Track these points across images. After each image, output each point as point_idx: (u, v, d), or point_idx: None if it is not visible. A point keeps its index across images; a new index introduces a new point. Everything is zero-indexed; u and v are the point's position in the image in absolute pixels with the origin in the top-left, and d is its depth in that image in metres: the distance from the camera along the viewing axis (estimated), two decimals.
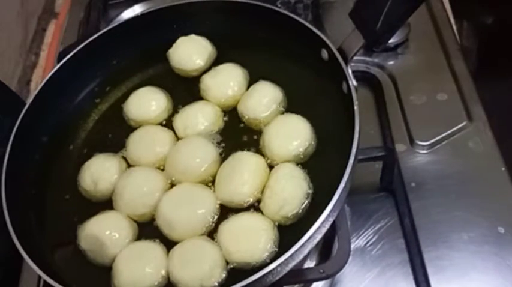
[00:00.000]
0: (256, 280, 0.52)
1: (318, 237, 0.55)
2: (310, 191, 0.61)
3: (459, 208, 0.70)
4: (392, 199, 0.75)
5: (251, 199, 0.62)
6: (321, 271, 0.61)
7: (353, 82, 0.62)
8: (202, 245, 0.59)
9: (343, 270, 0.67)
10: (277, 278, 0.55)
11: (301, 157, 0.64)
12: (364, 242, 0.71)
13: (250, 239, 0.58)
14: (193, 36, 0.77)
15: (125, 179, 0.66)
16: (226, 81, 0.72)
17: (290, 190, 0.60)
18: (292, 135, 0.65)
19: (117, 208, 0.65)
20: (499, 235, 0.67)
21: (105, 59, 0.78)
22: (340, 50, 0.64)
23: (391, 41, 0.86)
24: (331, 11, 0.88)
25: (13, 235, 0.58)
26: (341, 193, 0.55)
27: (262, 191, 0.62)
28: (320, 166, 0.63)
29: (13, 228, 0.59)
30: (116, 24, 0.78)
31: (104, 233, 0.62)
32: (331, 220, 0.56)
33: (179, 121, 0.71)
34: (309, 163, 0.64)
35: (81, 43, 0.75)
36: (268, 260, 0.57)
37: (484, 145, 0.75)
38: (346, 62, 0.63)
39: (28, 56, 1.11)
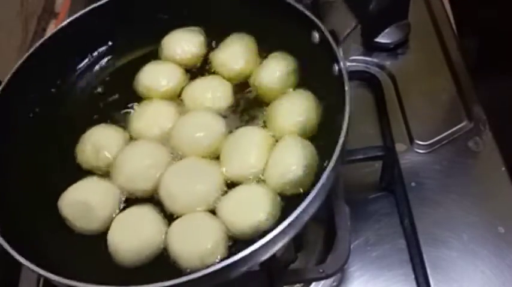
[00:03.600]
0: (259, 249, 0.50)
1: (317, 204, 0.54)
2: (313, 163, 0.61)
3: (459, 208, 0.70)
4: (392, 199, 0.75)
5: (257, 171, 0.61)
6: (321, 270, 0.61)
7: (345, 64, 0.61)
8: (204, 219, 0.58)
9: (342, 270, 0.67)
10: (278, 247, 0.53)
11: (303, 132, 0.64)
12: (364, 242, 0.71)
13: (251, 207, 0.58)
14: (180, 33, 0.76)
15: (126, 152, 0.65)
16: (236, 56, 0.72)
17: (292, 157, 0.60)
18: (294, 110, 0.65)
19: (116, 182, 0.63)
20: (499, 235, 0.67)
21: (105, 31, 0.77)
22: (331, 32, 0.64)
23: (391, 41, 0.86)
24: (331, 10, 0.88)
25: None
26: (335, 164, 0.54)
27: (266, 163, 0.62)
28: (325, 142, 0.63)
29: None
30: None
31: (90, 196, 0.61)
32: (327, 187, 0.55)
33: (188, 94, 0.71)
34: (315, 138, 0.64)
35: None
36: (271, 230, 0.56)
37: (484, 145, 0.75)
38: (338, 44, 0.63)
39: None
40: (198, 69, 0.75)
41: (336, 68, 0.62)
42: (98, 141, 0.66)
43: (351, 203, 0.73)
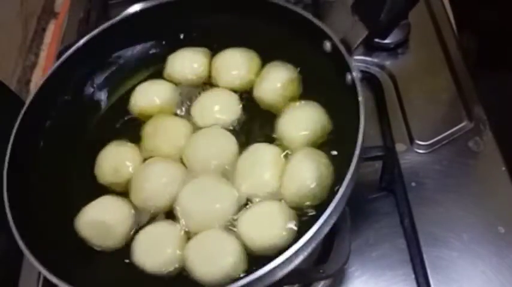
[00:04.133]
0: (281, 263, 0.52)
1: (335, 216, 0.55)
2: (328, 175, 0.61)
3: (459, 208, 0.70)
4: (392, 199, 0.75)
5: (272, 189, 0.62)
6: (321, 271, 0.61)
7: (357, 74, 0.61)
8: (221, 237, 0.59)
9: (342, 270, 0.67)
10: (299, 260, 0.54)
11: (312, 143, 0.65)
12: (364, 242, 0.71)
13: (269, 225, 0.58)
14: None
15: (142, 171, 0.66)
16: (234, 66, 0.73)
17: (307, 172, 0.60)
18: (302, 123, 0.65)
19: (134, 201, 0.65)
20: (499, 235, 0.67)
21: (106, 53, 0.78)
22: (343, 41, 0.64)
23: (390, 41, 0.86)
24: (331, 10, 0.89)
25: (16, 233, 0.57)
26: (347, 186, 0.55)
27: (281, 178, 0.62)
28: (339, 151, 0.63)
29: (15, 226, 0.58)
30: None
31: (107, 214, 0.63)
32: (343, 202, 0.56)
33: (196, 110, 0.71)
34: (327, 146, 0.64)
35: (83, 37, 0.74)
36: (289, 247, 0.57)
37: (484, 145, 0.75)
38: (350, 53, 0.63)
39: (28, 56, 1.11)
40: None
41: (349, 77, 0.62)
42: (115, 159, 0.67)
43: (350, 203, 0.73)
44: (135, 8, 0.87)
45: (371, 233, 0.72)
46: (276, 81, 0.70)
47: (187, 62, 0.75)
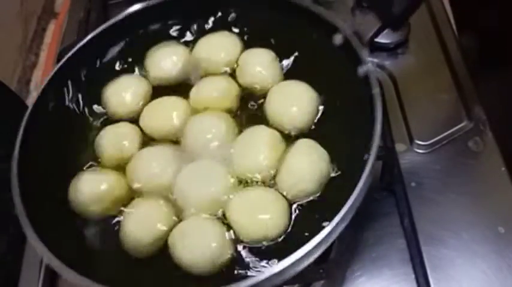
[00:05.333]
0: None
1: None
2: (329, 171, 0.61)
3: (459, 207, 0.70)
4: (392, 199, 0.75)
5: (267, 170, 0.62)
6: (321, 271, 0.61)
7: (371, 66, 0.60)
8: (204, 223, 0.59)
9: (342, 270, 0.67)
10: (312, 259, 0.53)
11: (304, 126, 0.64)
12: (364, 242, 0.71)
13: (261, 213, 0.58)
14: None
15: (138, 155, 0.66)
16: (218, 51, 0.73)
17: (306, 167, 0.60)
18: (290, 100, 0.65)
19: (130, 182, 0.65)
20: (499, 235, 0.67)
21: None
22: (355, 33, 0.63)
23: (390, 41, 0.86)
24: (331, 10, 0.89)
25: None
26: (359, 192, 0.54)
27: (278, 166, 0.62)
28: (341, 149, 0.63)
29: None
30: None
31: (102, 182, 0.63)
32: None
33: (194, 95, 0.71)
34: (330, 143, 0.64)
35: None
36: (279, 237, 0.57)
37: (484, 145, 0.75)
38: (363, 46, 0.62)
39: (28, 56, 1.11)
40: None
41: (361, 70, 0.62)
42: (119, 137, 0.68)
43: None
44: (136, 7, 0.88)
45: (371, 233, 0.72)
46: (255, 65, 0.70)
47: (166, 56, 0.75)
